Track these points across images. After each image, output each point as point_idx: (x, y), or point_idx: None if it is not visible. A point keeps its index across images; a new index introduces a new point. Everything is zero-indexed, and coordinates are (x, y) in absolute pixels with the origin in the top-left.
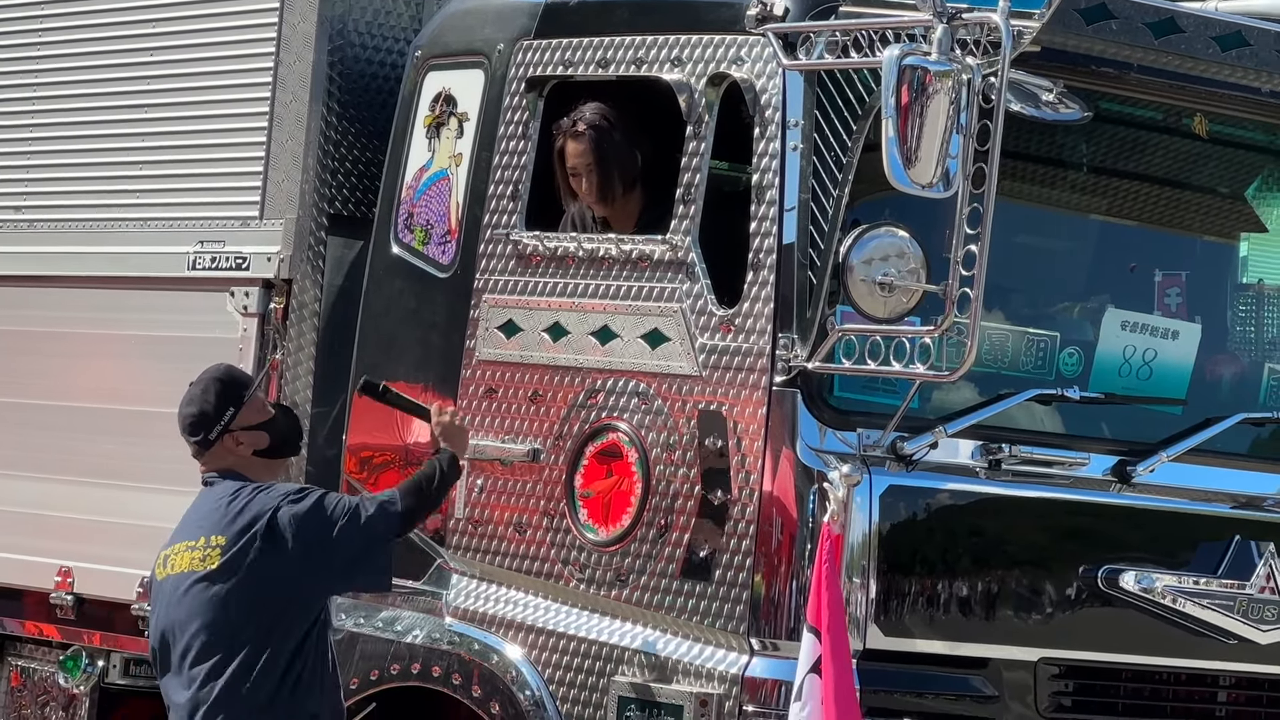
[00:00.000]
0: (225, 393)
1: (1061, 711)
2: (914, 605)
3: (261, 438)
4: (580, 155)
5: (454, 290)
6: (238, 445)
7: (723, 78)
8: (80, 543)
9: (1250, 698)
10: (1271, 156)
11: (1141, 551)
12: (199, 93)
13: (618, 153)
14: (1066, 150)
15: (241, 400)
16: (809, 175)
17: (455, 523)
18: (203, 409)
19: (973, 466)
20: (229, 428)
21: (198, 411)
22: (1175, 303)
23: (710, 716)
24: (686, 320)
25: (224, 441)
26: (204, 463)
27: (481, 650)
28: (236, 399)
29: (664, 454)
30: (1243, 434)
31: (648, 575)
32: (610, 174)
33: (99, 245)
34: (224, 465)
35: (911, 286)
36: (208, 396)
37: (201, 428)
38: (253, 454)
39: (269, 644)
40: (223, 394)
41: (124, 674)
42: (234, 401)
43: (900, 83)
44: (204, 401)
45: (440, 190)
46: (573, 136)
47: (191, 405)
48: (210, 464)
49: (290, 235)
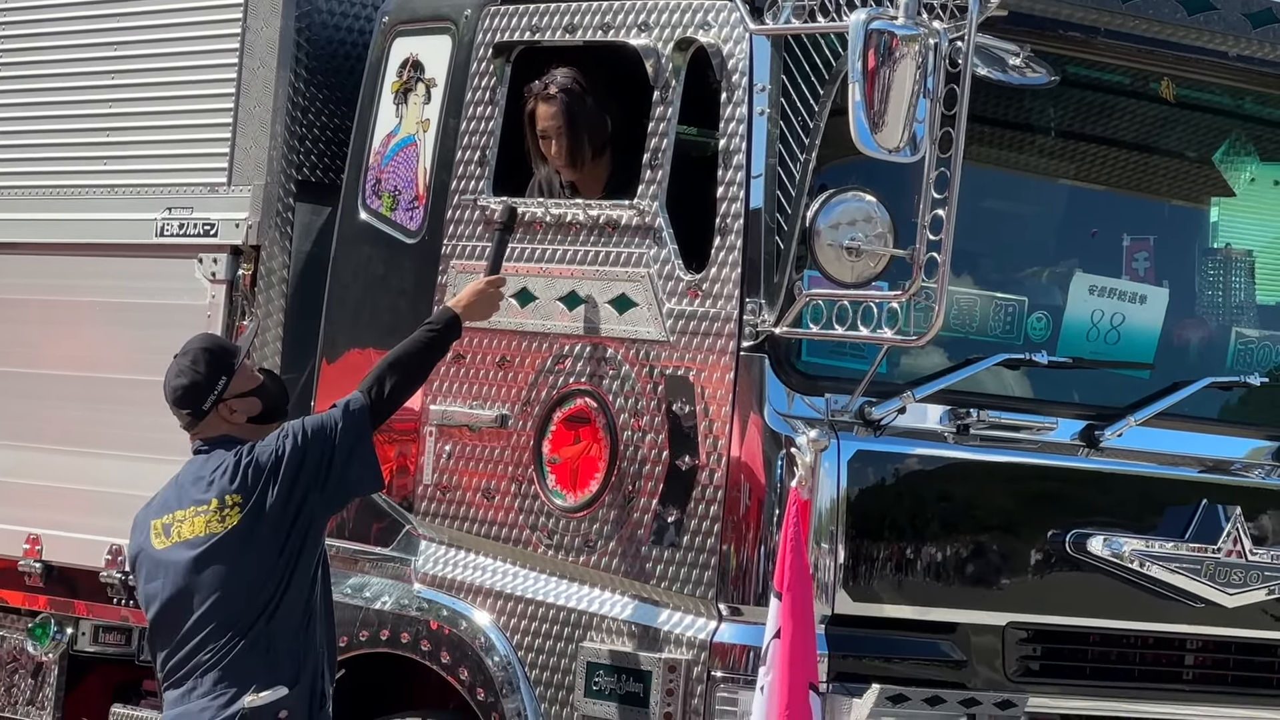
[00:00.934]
0: (216, 362)
1: (1029, 675)
2: (882, 570)
3: (254, 404)
4: (551, 118)
5: (422, 256)
6: (232, 414)
7: (690, 43)
8: (49, 510)
9: (1217, 661)
10: (1238, 120)
11: (1109, 516)
12: (167, 59)
13: (588, 117)
14: (1034, 115)
15: (233, 368)
16: (776, 140)
17: (423, 489)
18: (194, 380)
19: (941, 431)
20: (223, 397)
21: (189, 383)
22: (1143, 267)
23: (679, 682)
24: (654, 285)
25: (218, 411)
26: (196, 433)
27: (450, 616)
28: (228, 367)
29: (631, 420)
30: (1210, 398)
31: (616, 541)
32: (580, 138)
33: (67, 212)
34: (217, 434)
35: (879, 251)
36: (198, 367)
37: (195, 399)
38: (246, 421)
39: (290, 584)
40: (213, 363)
41: (93, 641)
42: (225, 370)
43: (867, 47)
44: (194, 372)
45: (408, 156)
46: (544, 99)
47: (182, 377)
48: (203, 433)
49: (258, 201)
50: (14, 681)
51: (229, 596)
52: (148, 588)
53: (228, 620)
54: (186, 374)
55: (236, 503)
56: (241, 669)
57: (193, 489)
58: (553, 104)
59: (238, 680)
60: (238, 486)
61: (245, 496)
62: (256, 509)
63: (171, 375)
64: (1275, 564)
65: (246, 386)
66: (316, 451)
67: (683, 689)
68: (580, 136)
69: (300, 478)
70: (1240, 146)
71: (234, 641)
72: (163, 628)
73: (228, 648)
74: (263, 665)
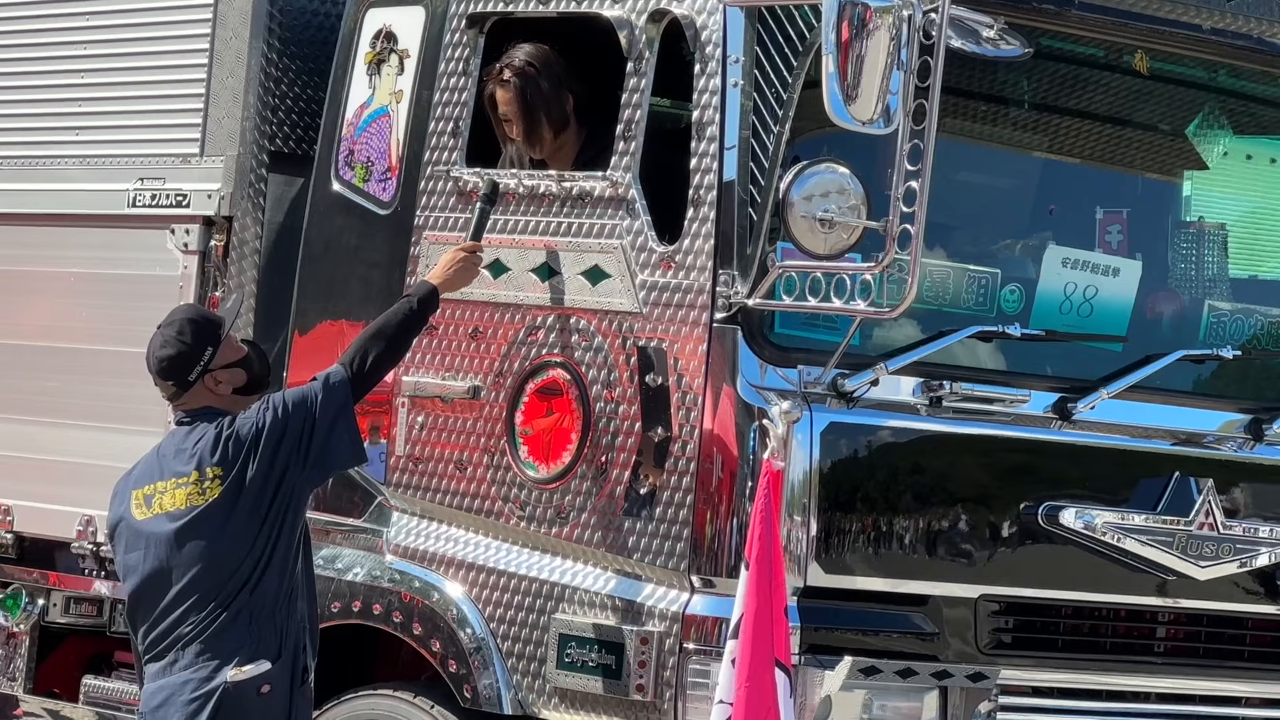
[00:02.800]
0: (201, 332)
1: (1001, 648)
2: (854, 542)
3: (239, 375)
4: (508, 103)
5: (395, 227)
6: (217, 385)
7: (663, 14)
8: (20, 481)
9: (1189, 633)
10: (1212, 94)
11: (1082, 488)
12: (139, 29)
13: (544, 100)
14: (1007, 87)
15: (219, 339)
16: (749, 112)
17: (396, 460)
18: (180, 350)
19: (914, 404)
20: (209, 368)
21: (175, 354)
22: (1116, 240)
23: (650, 654)
24: (627, 257)
25: (204, 382)
26: (180, 404)
27: (422, 588)
28: (214, 338)
29: (604, 391)
30: (1183, 371)
31: (588, 513)
32: (536, 120)
33: (39, 183)
34: (200, 405)
35: (852, 223)
36: (184, 338)
37: (181, 369)
38: (231, 392)
39: (273, 558)
40: (199, 334)
41: (64, 612)
42: (212, 341)
43: (841, 19)
44: (180, 343)
45: (381, 127)
46: (500, 84)
47: (167, 348)
48: (187, 404)
49: (231, 172)
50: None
51: (210, 569)
52: (127, 558)
53: (209, 593)
54: (172, 344)
55: (217, 475)
56: (224, 642)
57: (174, 461)
58: (508, 89)
59: (220, 653)
60: (218, 459)
61: (226, 469)
62: (237, 482)
63: (156, 346)
64: (1247, 537)
65: (232, 358)
66: (297, 424)
67: (655, 661)
68: (536, 119)
69: (281, 450)
70: (1214, 120)
71: (216, 614)
72: (143, 600)
73: (209, 620)
74: (245, 638)
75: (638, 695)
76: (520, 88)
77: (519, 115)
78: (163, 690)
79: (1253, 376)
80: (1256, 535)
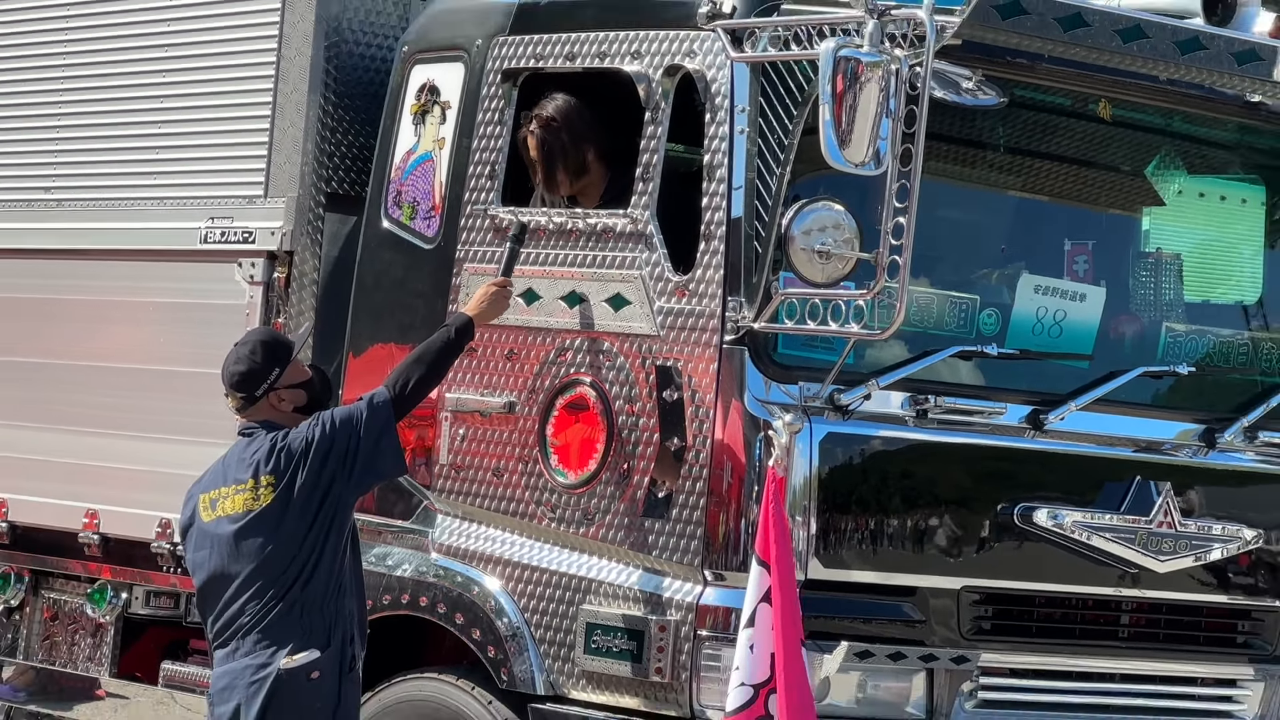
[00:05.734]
0: (272, 354)
1: (981, 634)
2: (850, 540)
3: (300, 395)
4: (533, 150)
5: (438, 260)
6: (280, 402)
7: (677, 69)
8: (105, 487)
9: (1150, 620)
10: (1168, 138)
11: (1053, 491)
12: (210, 84)
13: (563, 150)
14: (985, 132)
15: (287, 361)
16: (755, 156)
17: (440, 468)
18: (251, 367)
19: (902, 415)
20: (274, 386)
21: (246, 370)
22: (1083, 269)
23: (669, 640)
24: (646, 286)
25: (269, 398)
26: (246, 415)
27: (464, 582)
28: (283, 360)
29: (626, 405)
30: (1143, 385)
31: (612, 514)
32: (554, 168)
33: (121, 221)
34: (262, 418)
35: (846, 254)
36: (256, 357)
37: (251, 384)
38: (292, 410)
39: (322, 556)
40: (269, 355)
41: (145, 605)
42: (280, 362)
43: (835, 72)
44: (252, 361)
45: (425, 171)
46: (530, 133)
47: (240, 364)
48: (251, 417)
49: (292, 212)
50: (75, 641)
51: (265, 566)
52: (195, 556)
53: (264, 587)
54: (245, 361)
55: (271, 483)
56: (277, 631)
57: (236, 469)
58: (532, 138)
59: (275, 641)
60: (272, 468)
61: (278, 477)
62: (288, 489)
63: (231, 361)
64: (1201, 534)
65: (297, 379)
66: (343, 439)
67: (672, 646)
68: (554, 166)
69: (328, 462)
70: (1170, 161)
71: (271, 606)
72: (209, 593)
73: (265, 611)
74: (297, 629)
75: (656, 677)
76: (541, 139)
77: (540, 163)
78: (227, 675)
79: (1206, 390)
80: (1210, 532)
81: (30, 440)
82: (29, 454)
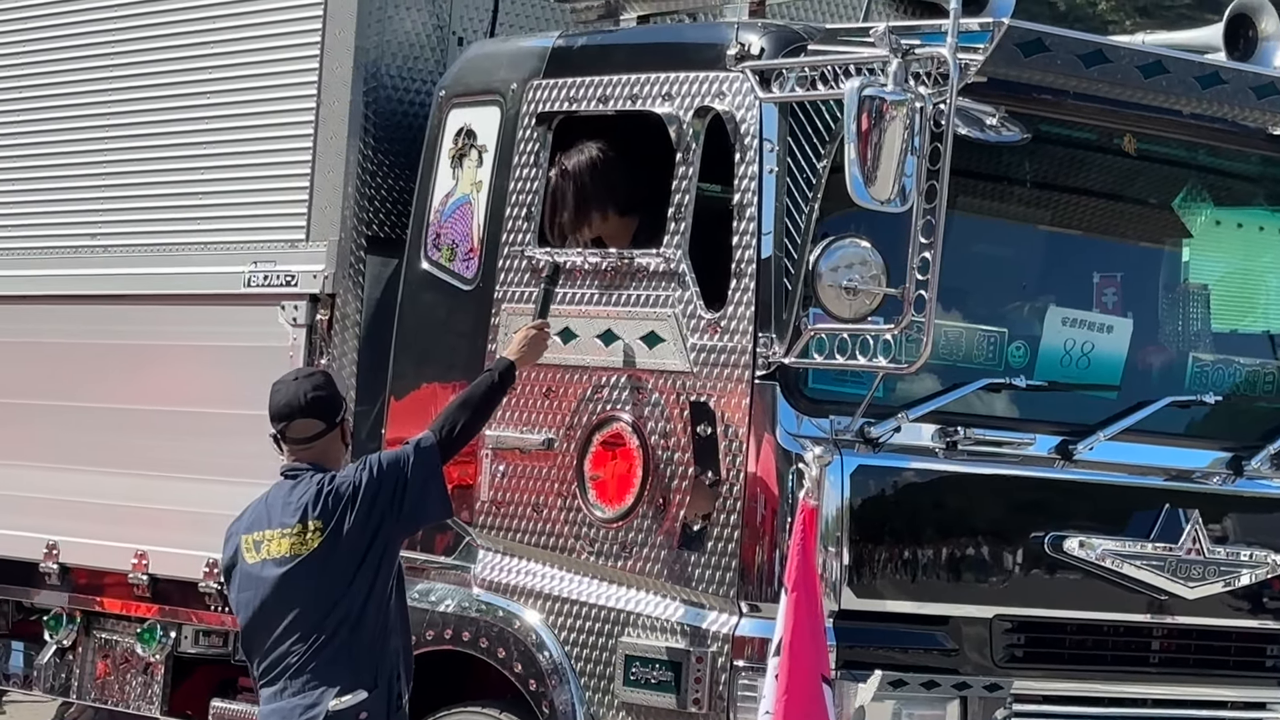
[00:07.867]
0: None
1: (1014, 662)
2: (882, 570)
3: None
4: (560, 195)
5: (477, 301)
6: (344, 435)
7: (707, 110)
8: (153, 529)
9: (1180, 646)
10: (1193, 171)
11: (1083, 520)
12: (252, 131)
13: (586, 196)
14: (1009, 168)
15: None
16: (783, 194)
17: (481, 504)
18: (332, 394)
19: (932, 447)
20: (344, 417)
21: (328, 395)
22: (1111, 301)
23: (705, 672)
24: (679, 323)
25: (340, 427)
26: (301, 453)
27: (505, 616)
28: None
29: (661, 441)
30: (1171, 415)
31: (649, 547)
32: (578, 212)
33: (166, 267)
34: (314, 457)
35: (873, 290)
36: (331, 385)
37: (330, 410)
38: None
39: (370, 599)
40: (337, 384)
41: (194, 644)
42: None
43: (861, 111)
44: (330, 387)
45: (464, 213)
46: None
47: (320, 390)
48: (307, 455)
49: (333, 255)
50: (126, 679)
51: (312, 609)
52: (240, 597)
53: (311, 628)
54: (324, 388)
55: (318, 528)
56: (326, 673)
57: (281, 512)
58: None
59: (324, 681)
60: (319, 512)
61: (326, 521)
62: (335, 533)
63: (308, 388)
64: (1230, 560)
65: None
66: (390, 483)
67: (709, 677)
68: (578, 211)
69: (376, 506)
70: (1195, 193)
71: (319, 648)
72: (255, 634)
73: (313, 653)
74: (345, 670)
75: (694, 708)
76: (562, 186)
77: (565, 207)
78: (276, 714)
79: (1232, 419)
80: (1238, 559)
81: (80, 483)
82: (79, 496)
